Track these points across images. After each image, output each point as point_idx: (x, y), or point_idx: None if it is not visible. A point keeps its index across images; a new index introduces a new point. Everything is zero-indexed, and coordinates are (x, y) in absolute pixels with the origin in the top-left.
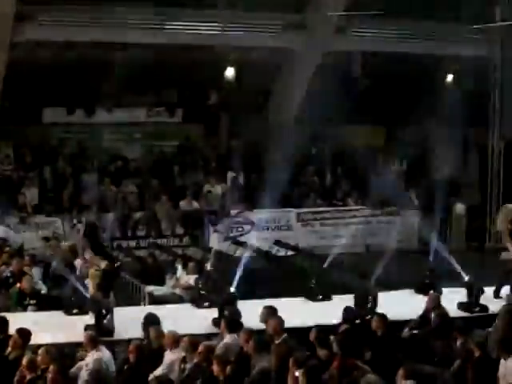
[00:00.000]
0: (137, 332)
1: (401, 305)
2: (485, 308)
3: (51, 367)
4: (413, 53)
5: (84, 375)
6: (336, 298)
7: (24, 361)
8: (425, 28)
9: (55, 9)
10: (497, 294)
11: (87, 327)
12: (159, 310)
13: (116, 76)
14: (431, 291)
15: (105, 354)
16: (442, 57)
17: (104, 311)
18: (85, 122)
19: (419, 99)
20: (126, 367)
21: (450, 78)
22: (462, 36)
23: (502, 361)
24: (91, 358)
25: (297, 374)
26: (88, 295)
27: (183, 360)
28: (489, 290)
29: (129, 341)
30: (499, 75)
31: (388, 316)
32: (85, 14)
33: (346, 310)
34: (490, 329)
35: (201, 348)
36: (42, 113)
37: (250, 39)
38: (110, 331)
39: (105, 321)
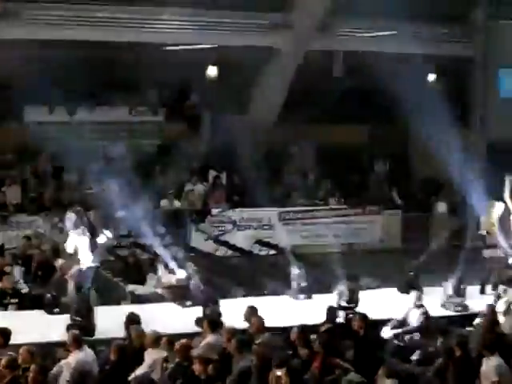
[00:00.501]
0: (118, 331)
1: (383, 304)
2: (466, 307)
3: (32, 367)
4: (395, 52)
5: (66, 375)
6: (318, 297)
7: (4, 360)
8: (407, 28)
9: (37, 7)
10: (482, 291)
11: (69, 327)
12: (141, 310)
13: (98, 75)
14: (413, 290)
15: (87, 353)
16: (425, 56)
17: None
18: (66, 121)
19: (402, 98)
20: (107, 367)
21: (432, 77)
22: (445, 36)
23: (485, 359)
24: (74, 357)
25: (278, 373)
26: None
27: (165, 359)
28: (470, 289)
29: (110, 340)
30: (481, 75)
31: (370, 315)
32: (66, 13)
33: (329, 309)
34: (470, 328)
35: (177, 346)
36: (23, 111)
37: (232, 38)
38: (92, 330)
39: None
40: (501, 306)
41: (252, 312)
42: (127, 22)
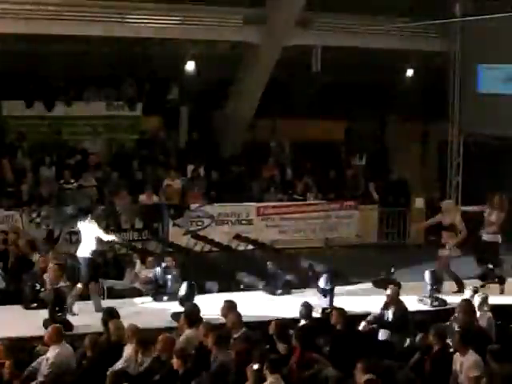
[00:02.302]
0: (96, 326)
1: (360, 299)
2: (443, 302)
3: (7, 362)
4: (373, 47)
5: (44, 370)
6: (295, 292)
7: None
8: (385, 23)
9: (14, 1)
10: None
11: (46, 321)
12: (118, 304)
13: (76, 69)
14: (390, 285)
15: (66, 348)
16: (403, 52)
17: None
18: (44, 115)
19: (379, 94)
20: (84, 362)
21: (409, 72)
22: (423, 31)
23: (457, 356)
24: (52, 352)
25: (255, 366)
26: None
27: (141, 353)
28: (449, 284)
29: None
30: (458, 70)
31: (347, 310)
32: (45, 7)
33: (305, 304)
34: (448, 323)
35: (160, 341)
36: (1, 106)
37: (210, 33)
38: (70, 325)
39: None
40: (476, 301)
41: (230, 307)
42: (105, 16)
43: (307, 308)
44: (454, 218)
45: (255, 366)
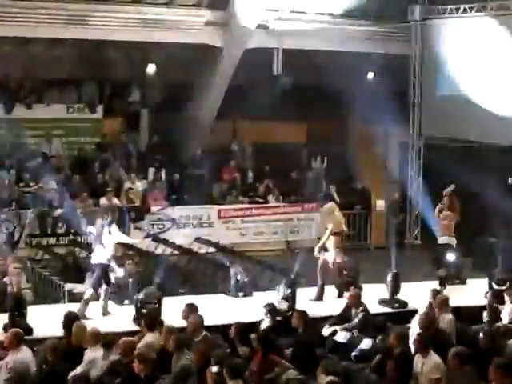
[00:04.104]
0: (56, 330)
1: (321, 301)
2: (404, 304)
3: None
4: (335, 50)
5: (3, 375)
6: (257, 294)
7: None
8: (347, 25)
9: None
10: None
11: (5, 326)
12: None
13: (36, 71)
14: (352, 287)
15: (25, 353)
16: (364, 54)
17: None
18: (3, 118)
19: (340, 96)
20: (44, 366)
21: (370, 75)
22: (384, 34)
23: (418, 357)
24: (11, 357)
25: (214, 369)
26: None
27: (103, 357)
28: (409, 286)
29: (47, 339)
30: (419, 73)
31: (309, 313)
32: (5, 9)
33: (267, 306)
34: (409, 325)
35: (121, 343)
36: None
37: (171, 35)
38: (29, 329)
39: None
40: (438, 303)
41: (190, 310)
42: (66, 18)
43: (271, 309)
44: (329, 221)
45: (214, 369)
